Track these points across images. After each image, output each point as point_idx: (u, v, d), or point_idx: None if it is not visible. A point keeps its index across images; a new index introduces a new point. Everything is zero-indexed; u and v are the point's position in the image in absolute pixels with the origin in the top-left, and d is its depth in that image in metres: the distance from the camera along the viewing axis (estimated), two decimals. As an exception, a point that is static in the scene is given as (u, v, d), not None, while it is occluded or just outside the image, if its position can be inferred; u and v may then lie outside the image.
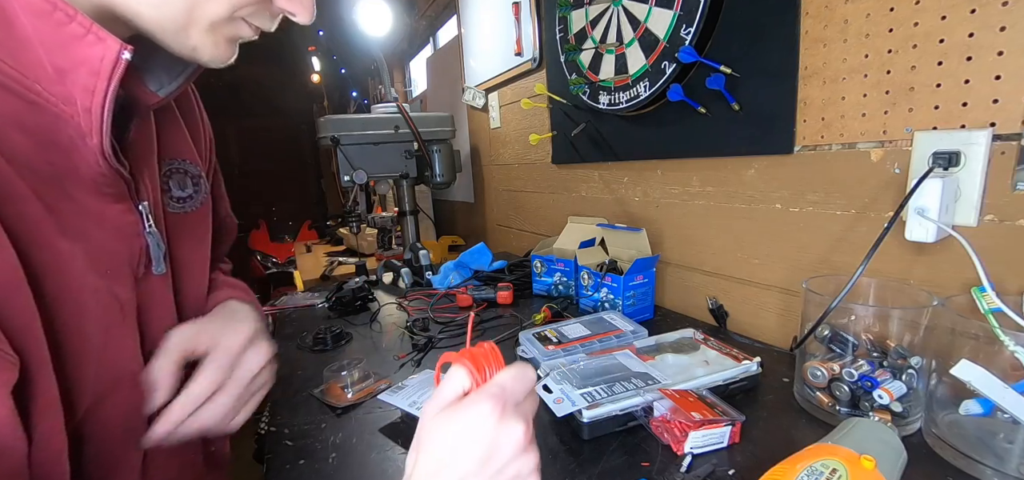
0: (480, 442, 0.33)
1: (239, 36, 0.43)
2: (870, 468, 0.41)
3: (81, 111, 0.35)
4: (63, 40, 0.33)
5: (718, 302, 0.95)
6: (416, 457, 0.35)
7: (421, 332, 1.01)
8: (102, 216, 0.41)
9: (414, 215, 1.78)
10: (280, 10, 0.43)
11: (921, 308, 0.57)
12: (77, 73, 0.34)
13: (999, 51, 0.55)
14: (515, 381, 0.36)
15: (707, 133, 0.93)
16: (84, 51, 0.34)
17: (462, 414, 0.34)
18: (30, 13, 0.32)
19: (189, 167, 0.55)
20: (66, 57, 0.34)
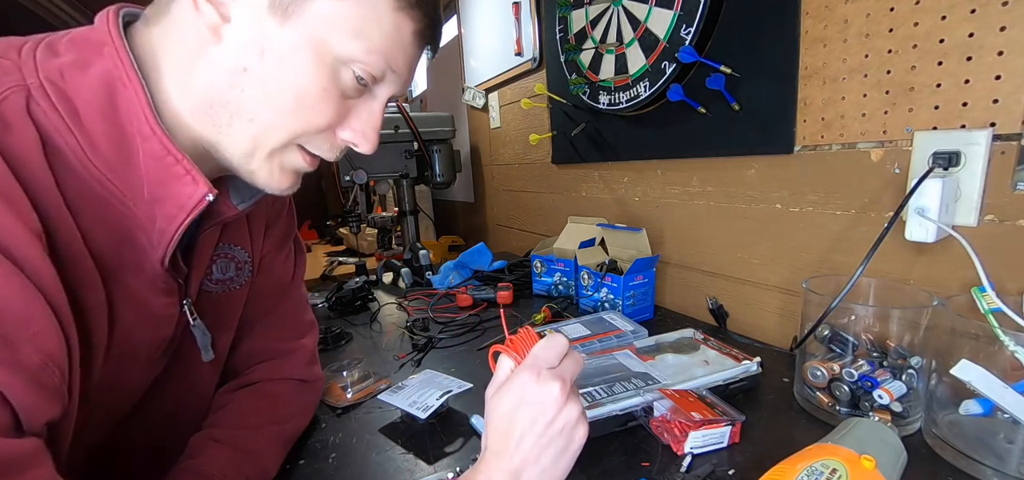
0: (527, 406, 0.41)
1: (297, 167, 0.47)
2: (870, 468, 0.41)
3: (157, 232, 0.43)
4: (165, 177, 0.41)
5: (718, 302, 0.95)
6: (487, 434, 0.43)
7: (421, 332, 1.01)
8: (146, 305, 0.46)
9: (414, 215, 1.78)
10: (343, 143, 0.47)
11: (921, 308, 0.57)
12: (166, 204, 0.42)
13: (999, 51, 0.55)
14: (546, 349, 0.44)
15: (707, 133, 0.93)
16: (179, 189, 0.41)
17: (508, 389, 0.43)
18: (148, 154, 0.40)
19: (237, 253, 0.58)
20: (162, 190, 0.41)
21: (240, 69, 0.41)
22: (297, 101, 0.42)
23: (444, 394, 0.67)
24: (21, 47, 0.39)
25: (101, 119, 0.38)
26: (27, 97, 0.36)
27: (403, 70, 0.45)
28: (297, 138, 0.44)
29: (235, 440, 0.55)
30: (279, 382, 0.64)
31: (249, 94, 0.41)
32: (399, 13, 0.42)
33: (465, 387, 0.69)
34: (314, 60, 0.41)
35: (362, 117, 0.46)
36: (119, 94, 0.39)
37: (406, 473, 0.58)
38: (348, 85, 0.43)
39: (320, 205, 3.79)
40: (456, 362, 0.87)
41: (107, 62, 0.39)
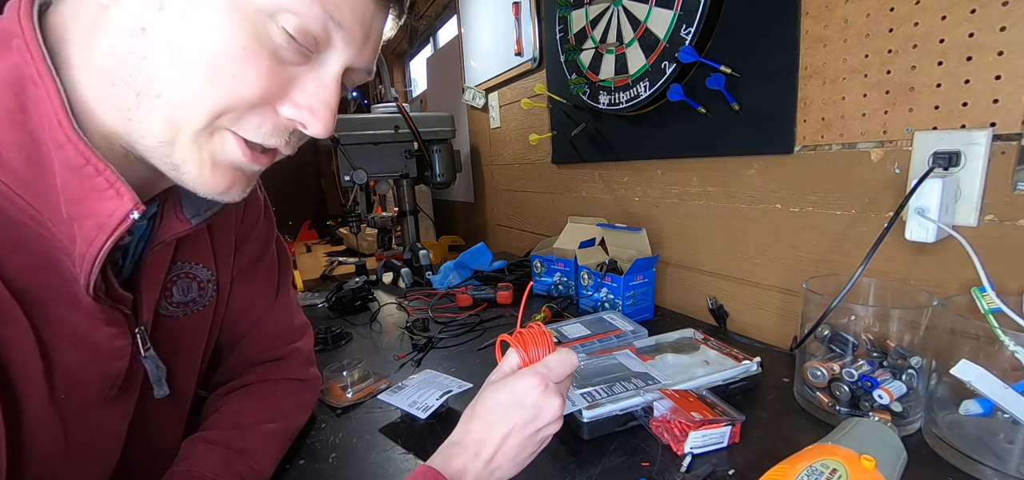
0: (527, 407, 0.43)
1: (235, 161, 0.38)
2: (870, 468, 0.41)
3: (77, 257, 0.36)
4: (84, 192, 0.34)
5: (718, 302, 0.95)
6: (471, 413, 0.44)
7: (421, 332, 1.01)
8: (87, 338, 0.40)
9: (414, 215, 1.78)
10: (287, 123, 0.38)
11: (921, 308, 0.57)
12: (84, 224, 0.35)
13: (999, 51, 0.55)
14: (559, 364, 0.45)
15: (707, 133, 0.93)
16: (98, 205, 0.35)
17: (515, 384, 0.44)
18: (63, 163, 0.34)
19: (198, 271, 0.52)
20: (80, 207, 0.35)
21: (138, 30, 0.33)
22: (211, 65, 0.33)
23: (444, 394, 0.67)
24: None
25: (9, 126, 0.33)
26: None
27: (353, 27, 0.36)
28: (220, 115, 0.35)
29: (228, 440, 0.53)
30: (273, 382, 0.63)
31: (151, 62, 0.33)
32: None
33: (465, 387, 0.69)
34: (228, 10, 0.33)
35: (308, 90, 0.37)
36: (29, 95, 0.33)
37: (406, 473, 0.57)
38: (280, 45, 0.34)
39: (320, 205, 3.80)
40: (456, 362, 0.87)
41: (15, 57, 0.33)
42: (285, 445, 0.60)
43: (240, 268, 0.60)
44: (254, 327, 0.63)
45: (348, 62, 0.38)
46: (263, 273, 0.64)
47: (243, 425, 0.56)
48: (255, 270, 0.62)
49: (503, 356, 0.48)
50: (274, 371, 0.64)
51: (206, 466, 0.49)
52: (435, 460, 0.43)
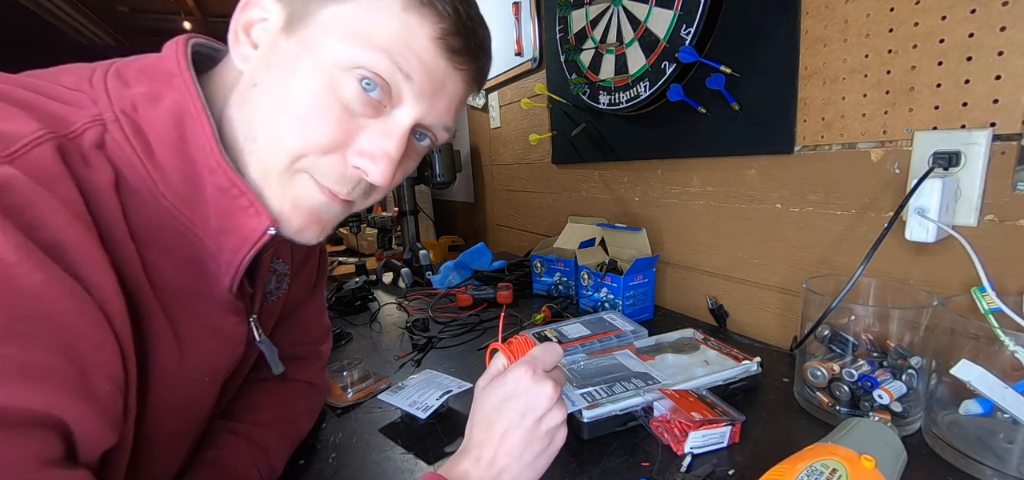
0: (518, 399, 0.43)
1: (312, 203, 0.42)
2: (870, 468, 0.41)
3: (223, 265, 0.42)
4: (231, 210, 0.40)
5: (718, 302, 0.95)
6: (471, 424, 0.45)
7: (421, 332, 1.01)
8: (218, 328, 0.46)
9: (414, 215, 1.78)
10: (354, 171, 0.42)
11: (921, 308, 0.57)
12: (231, 236, 0.41)
13: (999, 51, 0.55)
14: (544, 351, 0.46)
15: (707, 133, 0.93)
16: (243, 221, 0.40)
17: (502, 381, 0.44)
18: (215, 186, 0.39)
19: (279, 265, 0.58)
20: (228, 222, 0.41)
21: (251, 86, 0.40)
22: (292, 112, 0.39)
23: (444, 394, 0.67)
24: (91, 77, 0.38)
25: (172, 152, 0.38)
26: (103, 131, 0.36)
27: (423, 82, 0.40)
28: (298, 159, 0.40)
29: (251, 434, 0.55)
30: (292, 382, 0.64)
31: (255, 110, 0.40)
32: (409, 13, 0.38)
33: (465, 387, 0.69)
34: (310, 66, 0.38)
35: (373, 139, 0.41)
36: (188, 127, 0.38)
37: (406, 473, 0.58)
38: (352, 96, 0.39)
39: (320, 205, 3.81)
40: (456, 362, 0.87)
41: (176, 94, 0.38)
42: (294, 448, 0.61)
43: (298, 259, 0.64)
44: (288, 317, 0.65)
45: (419, 117, 0.42)
46: (308, 270, 0.67)
47: (263, 422, 0.58)
48: (304, 267, 0.66)
49: (491, 361, 0.48)
50: (294, 370, 0.65)
51: (236, 459, 0.52)
52: (440, 467, 0.44)
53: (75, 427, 0.30)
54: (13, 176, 0.29)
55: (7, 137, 0.30)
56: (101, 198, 0.35)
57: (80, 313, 0.30)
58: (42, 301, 0.29)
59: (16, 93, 0.34)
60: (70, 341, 0.30)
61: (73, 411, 0.30)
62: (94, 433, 0.32)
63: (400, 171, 0.44)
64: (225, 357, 0.48)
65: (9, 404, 0.27)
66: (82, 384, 0.30)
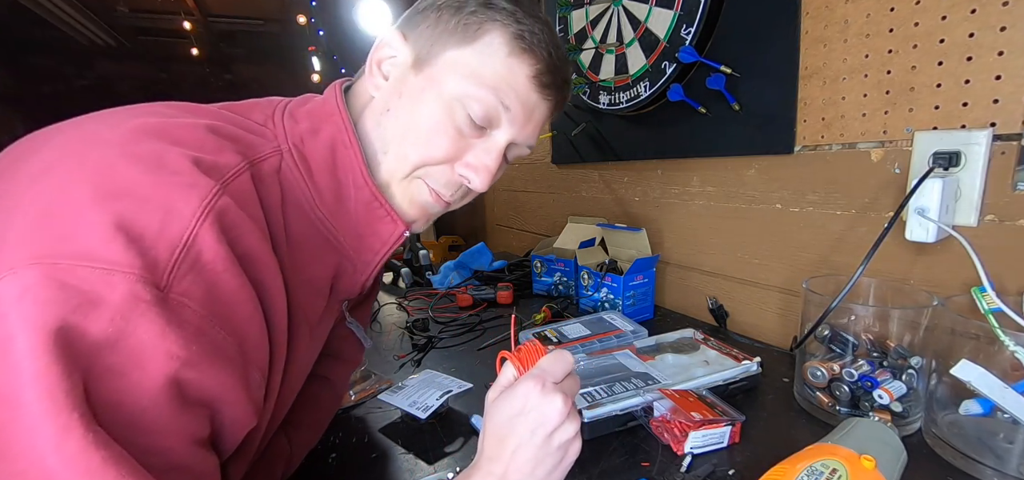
0: (528, 415, 0.42)
1: (424, 202, 0.51)
2: (870, 468, 0.41)
3: (361, 265, 0.51)
4: (372, 218, 0.50)
5: (718, 302, 0.95)
6: (483, 432, 0.45)
7: (421, 332, 1.01)
8: (332, 314, 0.54)
9: (414, 215, 1.78)
10: (459, 179, 0.51)
11: (921, 308, 0.57)
12: (371, 240, 0.50)
13: (999, 51, 0.55)
14: (553, 363, 0.45)
15: (707, 133, 0.93)
16: (382, 227, 0.50)
17: (512, 395, 0.44)
18: (359, 201, 0.48)
19: None
20: (370, 228, 0.50)
21: (385, 110, 0.49)
22: (417, 133, 0.48)
23: (444, 394, 0.67)
24: (272, 114, 0.47)
25: (327, 175, 0.47)
26: (280, 159, 0.44)
27: (518, 112, 0.49)
28: (418, 168, 0.49)
29: (289, 433, 0.57)
30: (324, 382, 0.64)
31: (387, 130, 0.49)
32: (512, 57, 0.47)
33: (465, 387, 0.69)
34: (434, 97, 0.48)
35: (477, 155, 0.50)
36: (339, 155, 0.47)
37: (406, 473, 0.58)
38: (463, 121, 0.48)
39: (320, 205, 3.81)
40: (456, 362, 0.87)
41: (333, 129, 0.48)
42: (306, 452, 0.61)
43: None
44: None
45: (512, 138, 0.51)
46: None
47: (296, 422, 0.59)
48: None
49: (501, 371, 0.47)
50: (328, 366, 0.65)
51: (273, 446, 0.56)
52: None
53: (231, 411, 0.36)
54: (230, 202, 0.36)
55: (223, 168, 0.38)
56: (273, 214, 0.42)
57: (253, 314, 0.37)
58: (233, 303, 0.35)
59: (227, 129, 0.42)
60: (243, 336, 0.36)
61: (235, 395, 0.36)
62: (243, 416, 0.37)
63: (495, 178, 0.53)
64: (322, 340, 0.56)
65: (199, 380, 0.33)
66: (244, 374, 0.37)
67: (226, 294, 0.35)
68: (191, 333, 0.32)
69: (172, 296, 0.32)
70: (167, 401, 0.31)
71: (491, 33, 0.47)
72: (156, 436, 0.31)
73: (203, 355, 0.33)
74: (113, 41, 3.64)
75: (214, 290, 0.34)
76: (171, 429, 0.32)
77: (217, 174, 0.36)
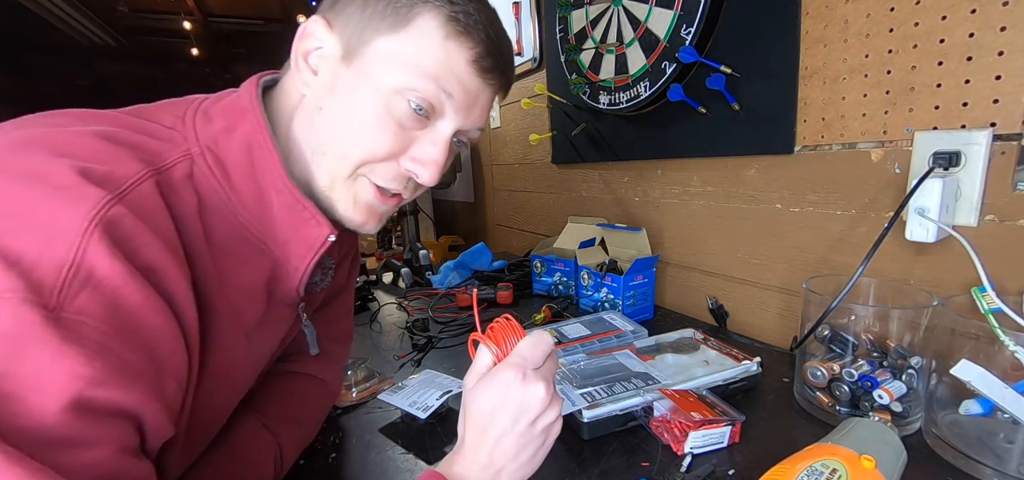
0: (509, 405, 0.42)
1: (369, 201, 0.50)
2: (870, 468, 0.41)
3: (291, 270, 0.49)
4: (296, 222, 0.47)
5: (718, 302, 0.95)
6: (464, 425, 0.45)
7: (421, 332, 1.01)
8: (280, 316, 0.53)
9: (414, 215, 1.78)
10: (405, 172, 0.49)
11: (921, 308, 0.57)
12: (297, 245, 0.48)
13: (999, 51, 0.55)
14: (532, 348, 0.44)
15: (707, 133, 0.93)
16: (307, 231, 0.47)
17: (491, 384, 0.43)
18: (281, 204, 0.46)
19: (327, 261, 0.62)
20: (295, 234, 0.47)
21: (317, 109, 0.47)
22: (355, 130, 0.46)
23: (444, 394, 0.67)
24: (184, 115, 0.45)
25: (246, 178, 0.45)
26: (191, 164, 0.42)
27: (461, 99, 0.47)
28: (360, 166, 0.47)
29: (270, 426, 0.57)
30: (310, 380, 0.65)
31: (322, 130, 0.47)
32: (449, 41, 0.45)
33: (465, 387, 0.69)
34: (370, 92, 0.45)
35: (423, 148, 0.48)
36: (257, 156, 0.45)
37: (406, 473, 0.58)
38: (404, 113, 0.46)
39: (320, 205, 3.81)
40: (456, 362, 0.87)
41: (248, 128, 0.45)
42: (301, 451, 0.61)
43: (340, 258, 0.66)
44: (322, 309, 0.67)
45: (458, 126, 0.49)
46: (345, 266, 0.69)
47: (282, 418, 0.59)
48: (343, 262, 0.68)
49: (476, 355, 0.46)
50: (311, 364, 0.65)
51: (258, 446, 0.55)
52: (440, 466, 0.44)
53: (149, 422, 0.35)
54: (123, 213, 0.34)
55: (118, 178, 0.36)
56: (187, 222, 0.41)
57: (164, 326, 0.36)
58: (138, 315, 0.34)
59: (125, 136, 0.40)
60: (153, 349, 0.35)
61: (150, 407, 0.35)
62: (160, 427, 0.37)
63: (443, 169, 0.52)
64: (280, 339, 0.56)
65: (108, 397, 0.32)
66: (158, 385, 0.36)
67: (129, 308, 0.33)
68: (93, 350, 0.31)
69: (65, 316, 0.30)
70: (78, 419, 0.31)
71: (423, 17, 0.44)
72: (77, 451, 0.31)
73: (110, 371, 0.32)
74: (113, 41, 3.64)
75: (115, 305, 0.33)
76: (93, 442, 0.31)
77: (111, 184, 0.35)
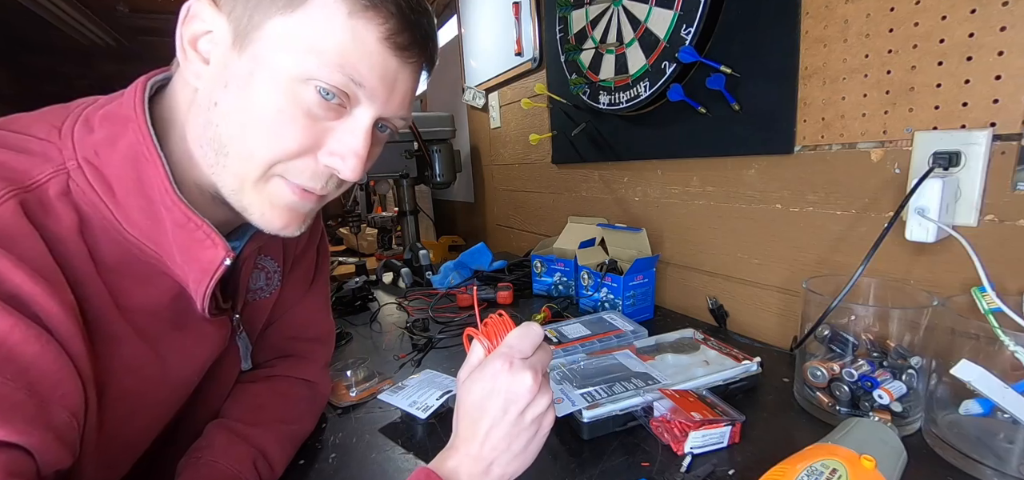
0: (498, 395, 0.42)
1: (288, 202, 0.45)
2: (870, 468, 0.41)
3: (192, 289, 0.46)
4: (189, 243, 0.43)
5: (718, 302, 0.95)
6: (457, 418, 0.44)
7: (421, 332, 1.01)
8: (203, 334, 0.50)
9: (414, 215, 1.78)
10: (325, 169, 0.44)
11: (921, 308, 0.57)
12: (193, 266, 0.44)
13: (999, 51, 0.55)
14: (520, 338, 0.44)
15: (707, 133, 0.93)
16: (200, 253, 0.44)
17: (480, 376, 0.43)
18: (172, 222, 0.43)
19: (267, 263, 0.60)
20: (188, 254, 0.44)
21: (212, 105, 0.41)
22: (258, 126, 0.41)
23: (444, 394, 0.67)
24: (61, 126, 0.41)
25: (132, 193, 0.41)
26: (67, 179, 0.39)
27: (374, 83, 0.42)
28: (272, 166, 0.43)
29: (249, 436, 0.55)
30: (292, 381, 0.64)
31: (222, 129, 0.41)
32: (354, 18, 0.39)
33: (465, 387, 0.69)
34: (268, 82, 0.40)
35: (341, 139, 0.43)
36: (143, 169, 0.41)
37: (406, 473, 0.57)
38: (312, 103, 0.41)
39: (320, 205, 3.81)
40: (456, 362, 0.87)
41: (131, 137, 0.41)
42: (295, 447, 0.61)
43: (296, 255, 0.65)
44: (284, 315, 0.66)
45: (377, 114, 0.44)
46: (303, 267, 0.68)
47: (262, 422, 0.58)
48: (298, 264, 0.67)
49: (470, 350, 0.46)
50: (291, 368, 0.65)
51: (231, 459, 0.52)
52: (432, 463, 0.44)
53: (35, 453, 0.33)
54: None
55: None
56: (65, 243, 0.38)
57: (41, 354, 0.34)
58: (5, 345, 0.32)
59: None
60: (31, 378, 0.33)
61: (33, 439, 0.32)
62: (51, 457, 0.34)
63: (368, 162, 0.47)
64: (208, 354, 0.53)
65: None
66: (42, 416, 0.33)
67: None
68: None
69: None
70: None
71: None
72: None
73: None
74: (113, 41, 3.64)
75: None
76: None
77: None
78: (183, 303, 0.47)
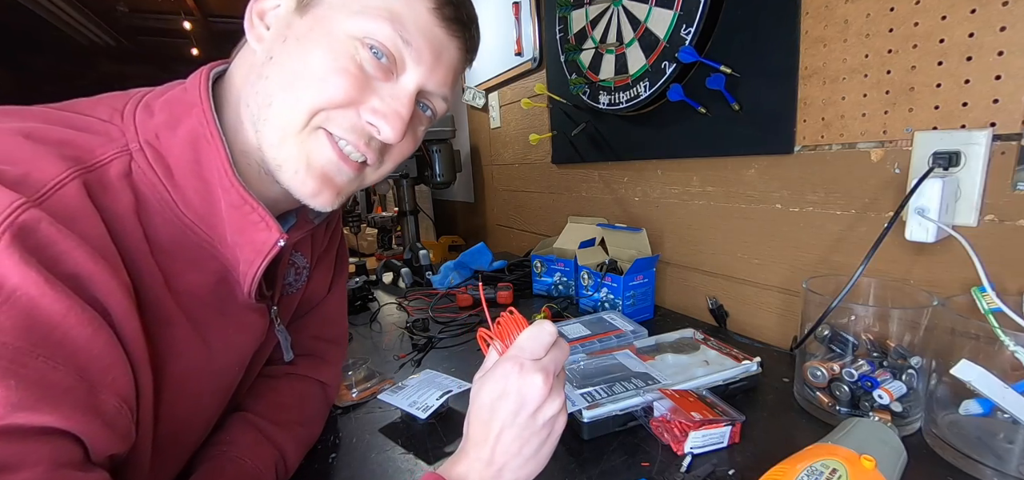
0: (508, 397, 0.42)
1: (325, 163, 0.45)
2: (870, 468, 0.41)
3: (241, 275, 0.47)
4: (244, 225, 0.44)
5: (718, 302, 0.95)
6: (467, 416, 0.44)
7: (421, 332, 1.01)
8: (244, 322, 0.51)
9: (414, 215, 1.78)
10: (366, 125, 0.45)
11: (921, 308, 0.57)
12: (244, 249, 0.45)
13: (999, 51, 0.55)
14: (531, 339, 0.43)
15: (707, 133, 0.93)
16: (255, 235, 0.45)
17: (492, 378, 0.43)
18: (228, 203, 0.44)
19: (298, 259, 0.61)
20: (241, 237, 0.45)
21: (267, 59, 0.44)
22: (309, 76, 0.43)
23: (444, 394, 0.67)
24: (123, 109, 0.43)
25: (190, 175, 0.43)
26: (129, 160, 0.40)
27: (424, 49, 0.45)
28: (315, 114, 0.44)
29: (275, 438, 0.56)
30: (310, 381, 0.65)
31: (272, 80, 0.43)
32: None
33: (465, 387, 0.69)
34: (325, 37, 0.43)
35: (384, 99, 0.45)
36: (203, 151, 0.43)
37: (406, 473, 0.58)
38: (365, 58, 0.44)
39: (320, 205, 3.81)
40: (456, 362, 0.87)
41: (194, 121, 0.43)
42: (307, 451, 0.62)
43: (320, 253, 0.66)
44: (306, 313, 0.67)
45: (421, 81, 0.46)
46: (324, 267, 0.68)
47: (284, 422, 0.59)
48: (321, 263, 0.67)
49: (487, 353, 0.46)
50: (311, 368, 0.65)
51: (257, 458, 0.53)
52: (439, 467, 0.44)
53: (84, 438, 0.34)
54: (38, 217, 0.32)
55: (35, 181, 0.34)
56: (123, 222, 0.39)
57: (94, 337, 0.34)
58: (60, 328, 0.32)
59: (50, 133, 0.38)
60: (83, 363, 0.33)
61: (82, 425, 0.33)
62: (101, 444, 0.35)
63: (409, 136, 0.49)
64: (250, 344, 0.54)
65: (29, 420, 0.30)
66: (91, 402, 0.34)
67: (49, 320, 0.31)
68: (6, 371, 0.29)
69: None
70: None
71: None
72: (3, 474, 0.29)
73: (27, 393, 0.30)
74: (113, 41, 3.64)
75: (31, 318, 0.31)
76: (20, 465, 0.30)
77: (26, 187, 0.33)
78: (226, 288, 0.47)
